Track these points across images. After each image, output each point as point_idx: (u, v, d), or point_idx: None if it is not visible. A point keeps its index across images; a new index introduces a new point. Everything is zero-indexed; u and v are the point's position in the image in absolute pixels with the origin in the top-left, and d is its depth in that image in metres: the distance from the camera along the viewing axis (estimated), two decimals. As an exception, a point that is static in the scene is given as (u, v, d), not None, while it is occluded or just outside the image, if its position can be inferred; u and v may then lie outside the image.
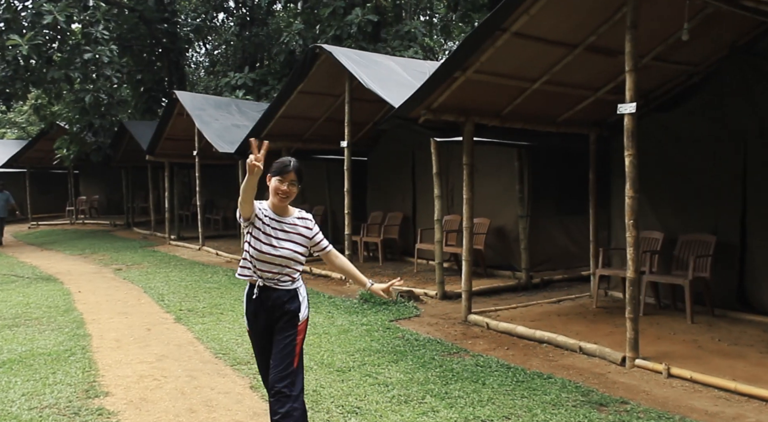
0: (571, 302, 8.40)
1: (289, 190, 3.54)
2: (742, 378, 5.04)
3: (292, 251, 3.56)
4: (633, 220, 5.66)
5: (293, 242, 3.58)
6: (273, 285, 3.58)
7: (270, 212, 3.59)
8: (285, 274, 3.58)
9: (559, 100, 7.87)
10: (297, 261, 3.61)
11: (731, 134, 7.29)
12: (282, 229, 3.57)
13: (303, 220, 3.67)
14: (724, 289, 7.31)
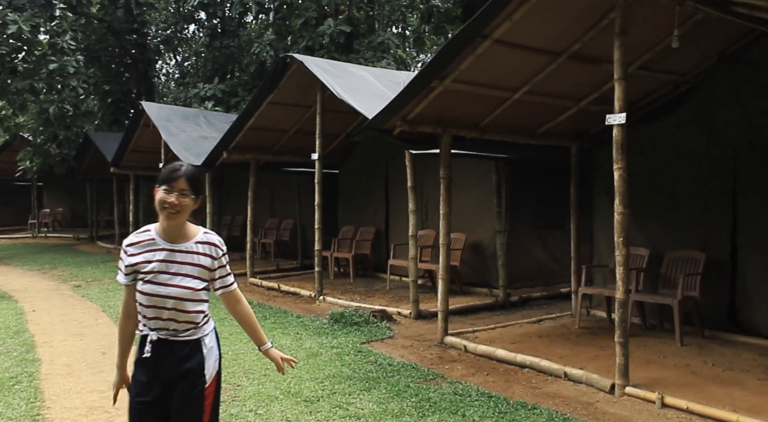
0: (552, 322, 8.03)
1: (179, 202, 2.70)
2: (743, 409, 4.68)
3: (186, 289, 2.74)
4: (623, 237, 5.30)
5: (187, 275, 2.76)
6: (169, 337, 2.77)
7: (157, 237, 2.78)
8: (183, 321, 2.77)
9: (541, 110, 7.55)
10: (195, 301, 2.78)
11: (720, 146, 7.03)
12: (173, 260, 2.75)
13: (205, 245, 2.82)
14: (714, 309, 7.01)
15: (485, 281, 10.07)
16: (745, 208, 6.84)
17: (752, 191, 6.78)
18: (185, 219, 2.79)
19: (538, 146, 8.24)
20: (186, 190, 2.73)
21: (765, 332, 6.64)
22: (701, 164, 7.20)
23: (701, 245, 7.15)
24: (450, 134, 7.18)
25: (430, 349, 6.88)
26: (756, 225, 6.75)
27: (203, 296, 2.82)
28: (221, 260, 2.86)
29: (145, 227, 2.84)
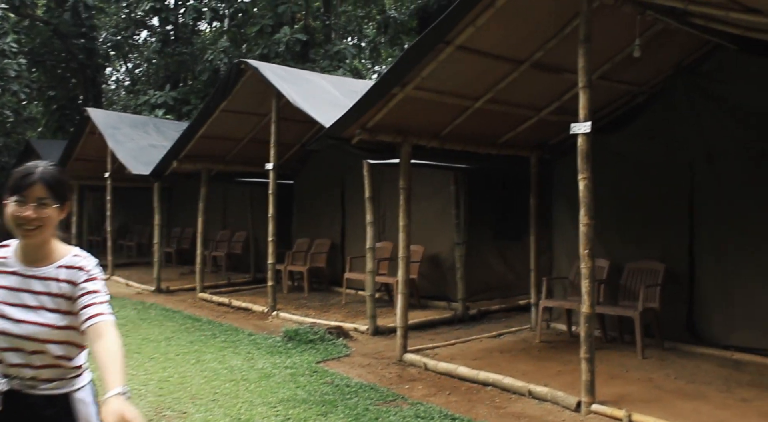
0: (513, 336, 7.86)
1: (38, 215, 2.09)
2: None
3: (42, 326, 2.09)
4: (588, 250, 5.15)
5: (45, 309, 2.11)
6: (23, 389, 2.14)
7: (12, 257, 2.18)
8: (44, 365, 2.13)
9: (502, 120, 7.41)
10: (59, 342, 2.12)
11: (678, 157, 6.99)
12: (27, 288, 2.13)
13: (70, 270, 2.17)
14: (673, 320, 6.93)
15: (444, 294, 9.87)
16: (702, 219, 6.81)
17: (709, 202, 6.76)
18: (49, 236, 2.17)
19: (498, 156, 8.10)
20: (45, 198, 2.09)
21: (722, 342, 6.59)
22: (659, 175, 7.15)
23: (660, 256, 7.08)
24: (410, 143, 6.97)
25: (389, 367, 6.61)
26: (712, 236, 6.72)
27: (72, 336, 2.14)
28: (84, 286, 2.13)
29: (5, 243, 2.24)
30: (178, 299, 11.28)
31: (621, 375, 5.98)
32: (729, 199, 6.56)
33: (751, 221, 6.39)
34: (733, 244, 6.53)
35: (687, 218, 6.90)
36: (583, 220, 5.19)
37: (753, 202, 6.36)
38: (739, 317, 6.47)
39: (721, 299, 6.61)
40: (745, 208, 6.42)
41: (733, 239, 6.53)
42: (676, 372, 5.99)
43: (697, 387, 5.56)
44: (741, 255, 6.46)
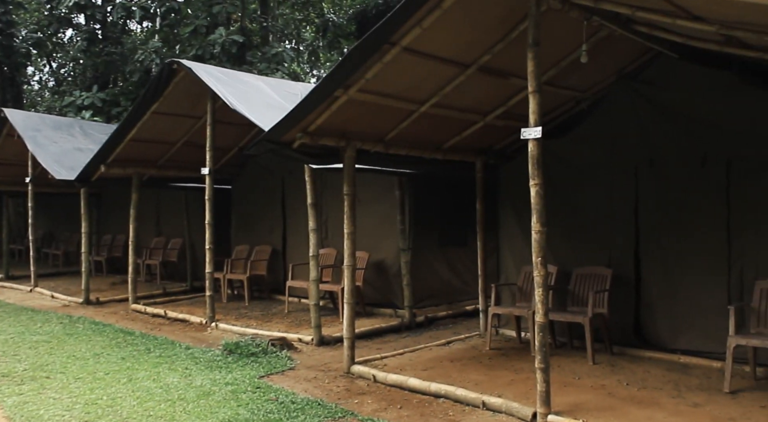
0: (462, 343, 7.71)
1: None
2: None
3: None
4: (541, 257, 5.03)
5: None
6: None
7: None
8: None
9: (448, 124, 7.25)
10: None
11: (622, 163, 7.00)
12: None
13: None
14: (621, 325, 6.93)
15: (390, 301, 9.66)
16: (647, 224, 6.84)
17: (653, 207, 6.79)
18: None
19: (444, 161, 7.95)
20: None
21: (669, 346, 6.62)
22: (604, 180, 7.15)
23: (607, 261, 7.07)
24: (354, 148, 6.73)
25: (336, 381, 6.35)
26: (657, 241, 6.75)
27: None
28: None
29: None
30: (108, 312, 10.69)
31: (574, 382, 5.90)
32: (672, 204, 6.60)
33: (693, 225, 6.44)
34: (676, 248, 6.57)
35: (632, 223, 6.91)
36: (535, 227, 5.07)
37: (695, 207, 6.41)
38: (684, 320, 6.51)
39: (667, 303, 6.64)
40: (688, 213, 6.47)
41: (676, 243, 6.57)
42: (627, 378, 5.95)
43: (649, 393, 5.52)
44: (684, 259, 6.50)
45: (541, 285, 5.03)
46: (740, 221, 6.10)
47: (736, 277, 6.11)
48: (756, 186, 5.98)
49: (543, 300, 5.02)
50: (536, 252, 5.03)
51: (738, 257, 6.11)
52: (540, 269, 5.03)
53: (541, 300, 5.02)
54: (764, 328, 5.66)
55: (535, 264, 5.05)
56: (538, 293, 5.03)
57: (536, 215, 5.06)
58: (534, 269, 5.06)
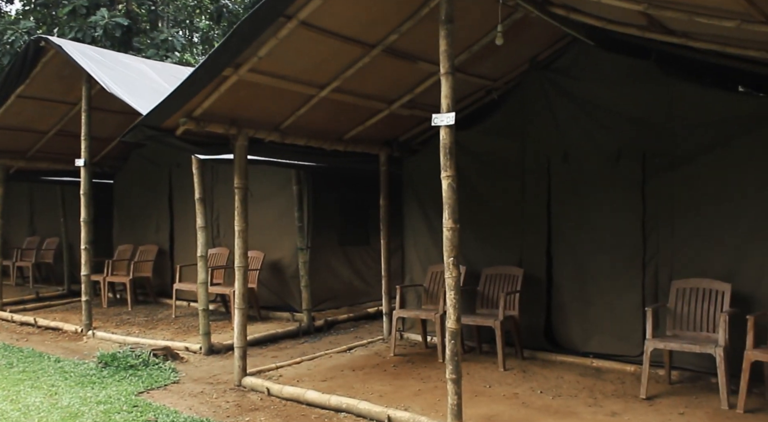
0: (365, 349, 7.18)
1: None
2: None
3: None
4: (453, 258, 4.55)
5: None
6: None
7: None
8: None
9: (350, 112, 6.70)
10: None
11: (534, 156, 6.69)
12: None
13: None
14: (531, 327, 6.61)
15: (287, 304, 9.01)
16: (559, 221, 6.55)
17: (566, 203, 6.50)
18: None
19: (345, 153, 7.40)
20: None
21: (581, 348, 6.36)
22: (515, 175, 6.82)
23: (518, 261, 6.75)
24: (246, 136, 6.05)
25: (225, 395, 5.65)
26: (569, 239, 6.48)
27: None
28: None
29: None
30: (-34, 322, 9.41)
31: (485, 391, 5.49)
32: (586, 200, 6.33)
33: (607, 223, 6.19)
34: (590, 247, 6.31)
35: (544, 221, 6.60)
36: (447, 224, 4.59)
37: (609, 204, 6.17)
38: (596, 322, 6.26)
39: (579, 304, 6.37)
40: (602, 210, 6.22)
41: (590, 241, 6.31)
42: (540, 385, 5.60)
43: (565, 401, 5.18)
44: (598, 258, 6.26)
45: (453, 288, 4.57)
46: (655, 219, 5.89)
47: (651, 277, 5.90)
48: (672, 182, 5.79)
49: (455, 305, 4.55)
50: (448, 251, 4.56)
51: (653, 255, 5.90)
52: (452, 270, 4.56)
53: (454, 305, 4.55)
54: (680, 330, 5.46)
55: (447, 265, 4.57)
56: (451, 297, 4.56)
57: (448, 210, 4.58)
58: (446, 270, 4.59)
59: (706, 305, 5.37)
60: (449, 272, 4.55)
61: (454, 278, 4.55)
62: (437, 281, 7.08)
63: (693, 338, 5.28)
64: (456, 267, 4.57)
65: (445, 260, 4.56)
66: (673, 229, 5.78)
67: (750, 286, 5.35)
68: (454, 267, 4.55)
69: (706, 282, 5.44)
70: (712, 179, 5.58)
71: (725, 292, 5.30)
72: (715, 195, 5.55)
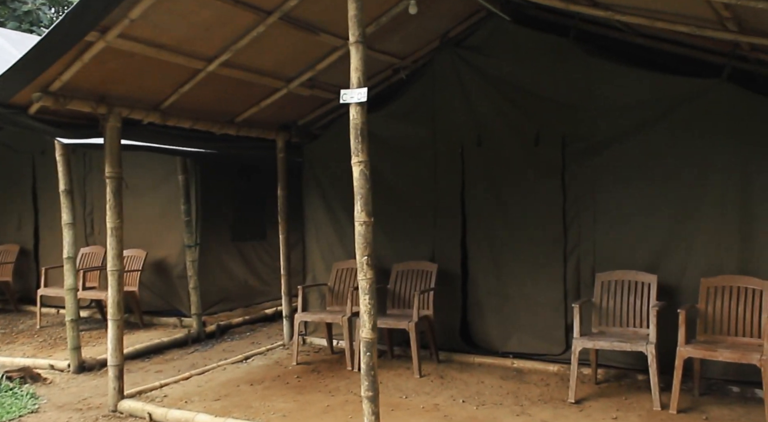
0: (264, 358, 6.41)
1: None
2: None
3: None
4: (367, 256, 3.91)
5: None
6: None
7: None
8: None
9: (243, 91, 5.89)
10: None
11: (446, 141, 6.16)
12: None
13: None
14: (447, 327, 6.10)
15: (173, 308, 8.05)
16: (474, 211, 6.06)
17: (481, 191, 6.02)
18: None
19: (238, 138, 6.59)
20: None
21: (500, 349, 5.91)
22: (426, 161, 6.27)
23: (430, 255, 6.22)
24: (119, 117, 5.12)
25: (96, 424, 4.76)
26: (486, 230, 6.00)
27: None
28: None
29: None
30: None
31: (402, 404, 4.89)
32: (502, 188, 5.88)
33: (526, 212, 5.75)
34: (507, 238, 5.86)
35: (458, 211, 6.09)
36: (359, 217, 3.93)
37: (527, 191, 5.73)
38: (514, 319, 5.82)
39: (496, 300, 5.92)
40: (520, 198, 5.78)
41: (507, 232, 5.86)
42: (461, 393, 5.07)
43: (491, 411, 4.67)
44: (516, 250, 5.81)
45: (368, 291, 3.93)
46: (576, 207, 5.51)
47: (573, 269, 5.52)
48: (593, 168, 5.42)
49: (370, 311, 3.92)
50: (361, 249, 3.91)
51: (574, 246, 5.52)
52: (367, 270, 3.92)
53: (369, 311, 3.91)
54: (606, 325, 5.10)
55: (361, 265, 3.92)
56: (365, 302, 3.92)
57: (361, 202, 3.92)
58: (359, 271, 3.94)
59: (632, 299, 5.04)
60: (363, 273, 3.91)
61: (369, 280, 3.91)
62: (343, 280, 6.45)
63: (620, 334, 4.93)
64: (371, 267, 3.93)
65: (357, 259, 3.92)
66: (595, 218, 5.42)
67: (675, 277, 5.07)
68: (369, 268, 3.91)
69: (631, 274, 5.11)
70: (634, 164, 5.25)
71: (651, 284, 4.99)
72: (638, 181, 5.23)
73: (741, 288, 4.64)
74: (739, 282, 4.66)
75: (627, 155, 5.27)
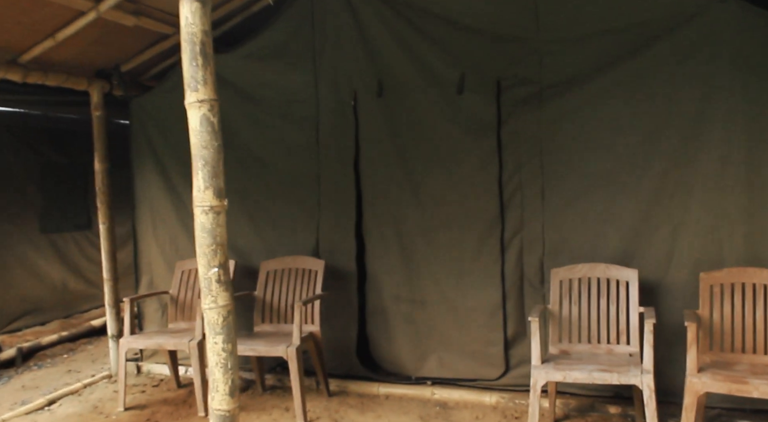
0: (78, 402, 4.48)
1: None
2: None
3: None
4: (217, 268, 2.21)
5: None
6: None
7: None
8: None
9: (26, 11, 3.86)
10: None
11: (333, 90, 4.48)
12: None
13: None
14: (340, 345, 4.48)
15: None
16: (372, 186, 4.42)
17: (382, 158, 4.38)
18: None
19: (28, 88, 4.56)
20: None
21: (414, 373, 4.34)
22: (306, 120, 4.55)
23: (314, 248, 4.55)
24: None
25: None
26: (389, 211, 4.37)
27: None
28: None
29: None
30: None
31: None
32: (412, 153, 4.29)
33: (445, 187, 4.20)
34: (419, 223, 4.29)
35: (351, 186, 4.44)
36: (203, 199, 2.22)
37: (447, 157, 4.18)
38: (433, 332, 4.28)
39: (407, 306, 4.34)
40: (436, 166, 4.22)
41: (419, 216, 4.29)
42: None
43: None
44: (431, 238, 4.26)
45: (222, 328, 2.23)
46: (518, 178, 4.01)
47: (514, 263, 4.04)
48: (539, 124, 3.94)
49: (227, 365, 2.21)
50: (207, 255, 2.21)
51: (516, 231, 4.05)
52: (218, 293, 2.21)
53: (223, 365, 2.21)
54: (570, 343, 3.68)
55: (207, 282, 2.21)
56: (217, 350, 2.21)
57: (206, 172, 2.21)
58: (204, 291, 2.23)
59: (604, 304, 3.66)
60: (211, 295, 2.21)
61: (223, 308, 2.21)
62: (191, 286, 4.64)
63: (593, 356, 3.51)
64: (224, 287, 2.25)
65: (202, 273, 2.21)
66: (544, 191, 3.96)
67: (657, 272, 3.74)
68: (222, 288, 2.24)
69: (600, 269, 3.71)
70: (598, 114, 3.81)
71: (630, 282, 3.62)
72: (603, 138, 3.82)
73: (758, 286, 3.36)
74: (753, 277, 3.38)
75: (589, 104, 3.83)
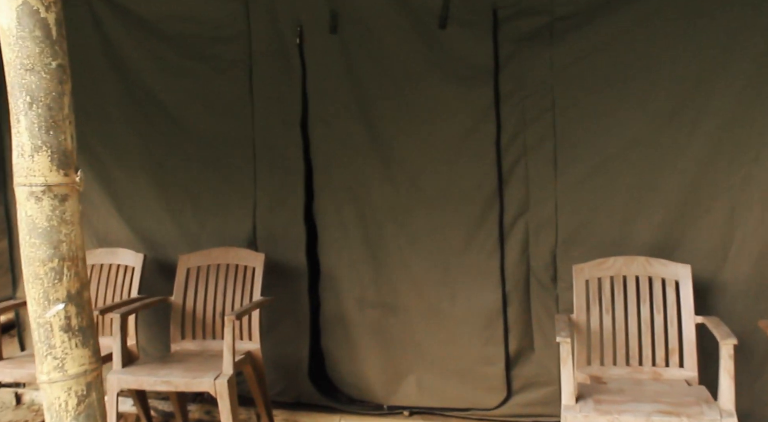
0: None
1: None
2: None
3: None
4: (43, 298, 1.12)
5: None
6: None
7: None
8: None
9: None
10: None
11: (270, 26, 3.34)
12: None
13: None
14: (287, 364, 3.42)
15: None
16: (326, 154, 3.34)
17: (338, 117, 3.31)
18: None
19: None
20: None
21: (385, 401, 3.33)
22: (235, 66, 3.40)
23: (249, 236, 3.45)
24: None
25: None
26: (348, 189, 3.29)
27: None
28: None
29: None
30: None
31: None
32: (378, 110, 3.21)
33: (425, 155, 3.15)
34: (389, 203, 3.23)
35: (299, 155, 3.34)
36: (30, 172, 1.12)
37: (428, 115, 3.13)
38: (410, 348, 3.26)
39: (374, 313, 3.29)
40: (413, 128, 3.16)
41: (390, 193, 3.23)
42: None
43: None
44: (405, 224, 3.21)
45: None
46: (524, 139, 2.98)
47: (517, 255, 3.04)
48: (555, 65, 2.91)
49: None
50: (33, 265, 1.12)
51: (520, 213, 3.04)
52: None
53: None
54: (602, 365, 2.72)
55: (34, 302, 1.13)
56: None
57: (26, 122, 1.11)
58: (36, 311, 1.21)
59: (647, 311, 2.71)
60: (53, 360, 1.11)
61: (84, 380, 1.15)
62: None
63: (637, 386, 2.57)
64: (83, 341, 1.15)
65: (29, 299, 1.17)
66: (556, 161, 2.98)
67: (708, 267, 2.81)
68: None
69: (639, 263, 2.76)
70: (629, 57, 2.83)
71: (681, 282, 2.69)
72: (638, 90, 2.84)
73: None
74: None
75: (617, 40, 2.84)
